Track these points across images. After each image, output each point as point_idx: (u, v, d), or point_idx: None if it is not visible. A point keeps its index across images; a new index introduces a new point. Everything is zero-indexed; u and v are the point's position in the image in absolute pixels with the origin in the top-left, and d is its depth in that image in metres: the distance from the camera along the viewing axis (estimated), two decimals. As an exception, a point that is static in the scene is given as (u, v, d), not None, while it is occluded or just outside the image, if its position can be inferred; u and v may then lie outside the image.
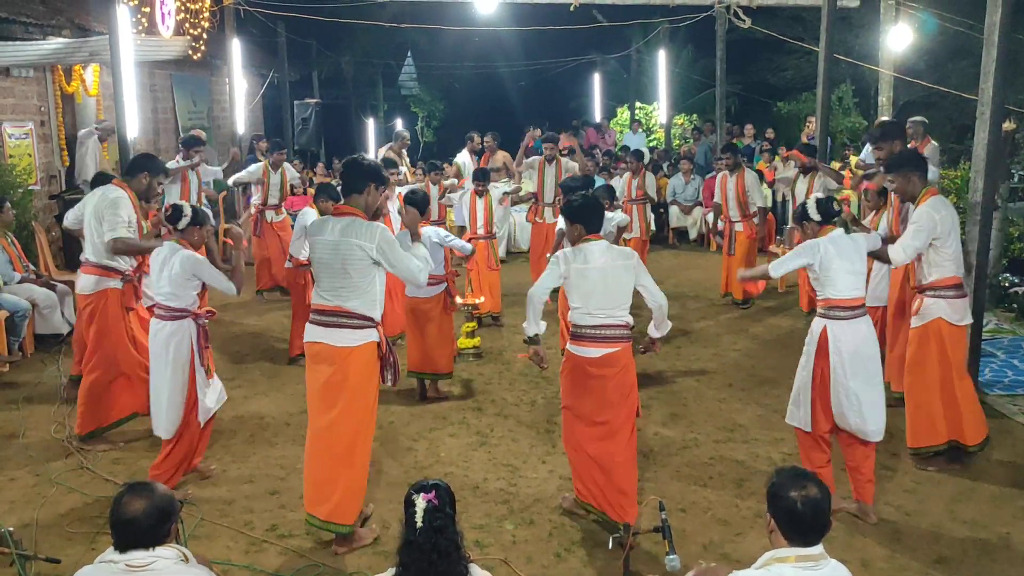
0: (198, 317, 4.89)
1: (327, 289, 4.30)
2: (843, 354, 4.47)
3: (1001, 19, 6.06)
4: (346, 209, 4.33)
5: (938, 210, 4.98)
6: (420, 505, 2.69)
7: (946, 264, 5.05)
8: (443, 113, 25.05)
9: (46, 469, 5.27)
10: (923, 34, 12.82)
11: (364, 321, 4.30)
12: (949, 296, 5.08)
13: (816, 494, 2.64)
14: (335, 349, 4.27)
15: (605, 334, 4.46)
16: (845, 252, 4.51)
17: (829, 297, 4.52)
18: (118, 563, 2.62)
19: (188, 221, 4.88)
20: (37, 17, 9.64)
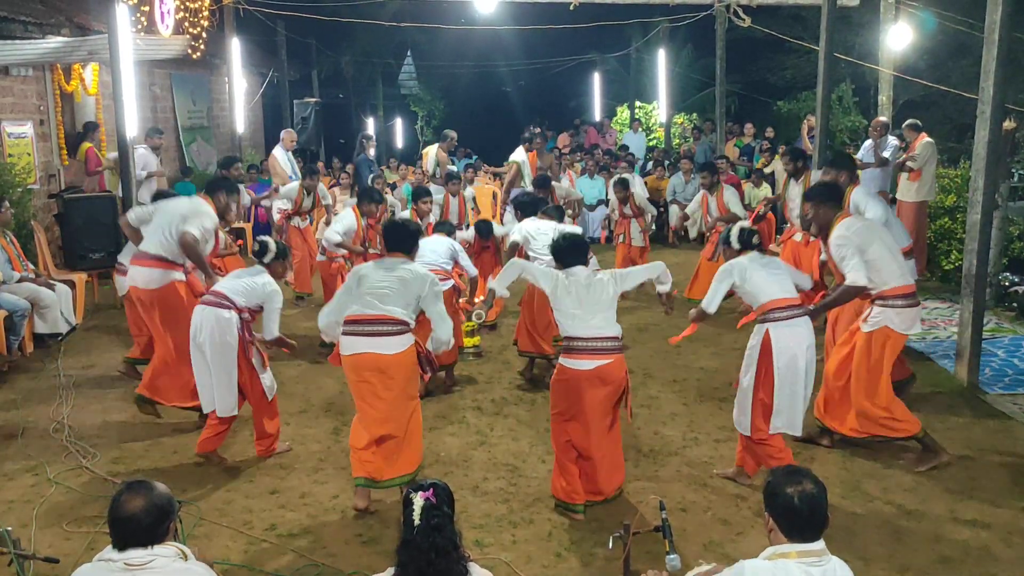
0: (241, 312, 5.28)
1: (371, 302, 4.66)
2: (784, 355, 4.68)
3: (1001, 17, 6.06)
4: (398, 255, 4.89)
5: (846, 229, 5.15)
6: (418, 504, 2.68)
7: (882, 274, 5.12)
8: (443, 112, 25.04)
9: (44, 468, 5.26)
10: (923, 33, 12.82)
11: (404, 326, 4.68)
12: (898, 306, 5.14)
13: (812, 489, 2.64)
14: (382, 358, 4.62)
15: (597, 346, 4.57)
16: (763, 265, 4.85)
17: (763, 303, 4.77)
18: (117, 562, 2.61)
19: (273, 256, 5.43)
20: (36, 16, 9.63)
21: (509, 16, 16.94)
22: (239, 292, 5.28)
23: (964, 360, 6.52)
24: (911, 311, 5.18)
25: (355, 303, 4.73)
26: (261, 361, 5.36)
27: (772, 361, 4.69)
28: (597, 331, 4.57)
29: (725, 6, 13.64)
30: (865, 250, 5.10)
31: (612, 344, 4.59)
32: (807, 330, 4.77)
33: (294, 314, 9.03)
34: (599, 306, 4.63)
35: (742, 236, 4.95)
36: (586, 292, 4.63)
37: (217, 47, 13.65)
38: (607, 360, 4.55)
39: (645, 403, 6.36)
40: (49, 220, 9.74)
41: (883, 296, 5.16)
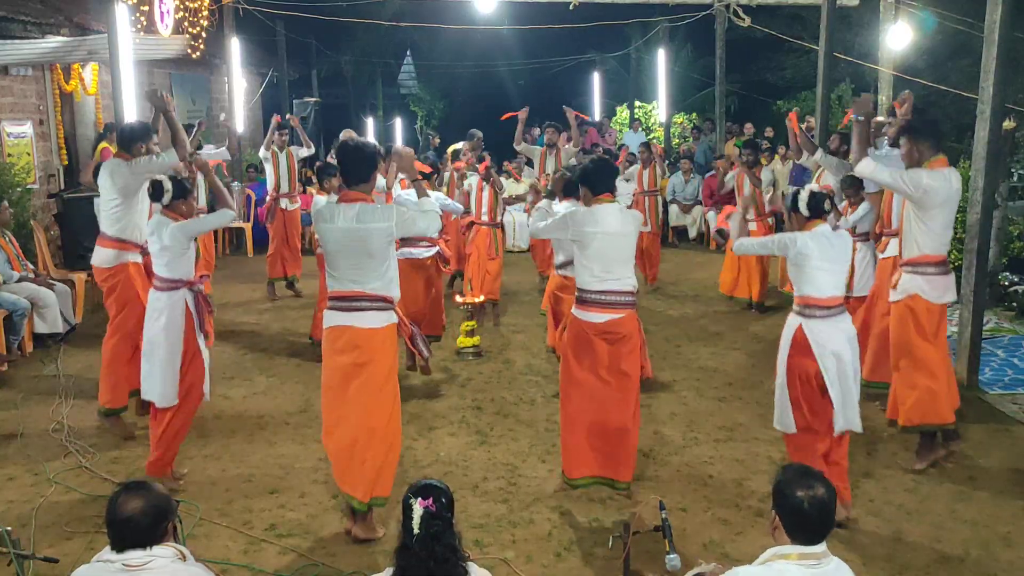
0: (192, 285, 5.00)
1: (345, 275, 4.32)
2: (828, 353, 4.32)
3: (1001, 17, 6.06)
4: (354, 195, 4.32)
5: (933, 177, 4.81)
6: (417, 512, 2.66)
7: (925, 239, 4.93)
8: (442, 112, 25.03)
9: (44, 468, 5.25)
10: (923, 33, 12.80)
11: (385, 303, 4.35)
12: (929, 273, 4.97)
13: (823, 494, 2.61)
14: (360, 331, 4.30)
15: (610, 300, 4.55)
16: (825, 251, 4.33)
17: (807, 295, 4.36)
18: (115, 562, 2.60)
19: (171, 195, 4.96)
20: (36, 15, 9.61)
21: (509, 16, 16.94)
22: (164, 265, 4.95)
23: (964, 359, 6.52)
24: (942, 279, 4.99)
25: (331, 271, 4.38)
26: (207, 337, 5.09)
27: (814, 361, 4.33)
28: (611, 285, 4.56)
29: (725, 6, 13.63)
30: (929, 210, 4.86)
31: (625, 299, 4.58)
32: (847, 323, 4.42)
33: (293, 314, 9.03)
34: (617, 260, 4.58)
35: (813, 201, 4.37)
36: (608, 241, 4.53)
37: (217, 47, 13.63)
38: (619, 314, 4.56)
39: (644, 403, 6.34)
40: (49, 220, 9.72)
41: (913, 262, 4.99)
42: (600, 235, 4.55)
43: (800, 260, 4.33)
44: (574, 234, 4.60)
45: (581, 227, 4.58)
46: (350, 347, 4.32)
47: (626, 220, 4.68)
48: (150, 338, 5.02)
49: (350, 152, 4.40)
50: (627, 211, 4.79)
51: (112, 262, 5.77)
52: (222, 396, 6.44)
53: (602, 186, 4.67)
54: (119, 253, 5.77)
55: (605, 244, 4.55)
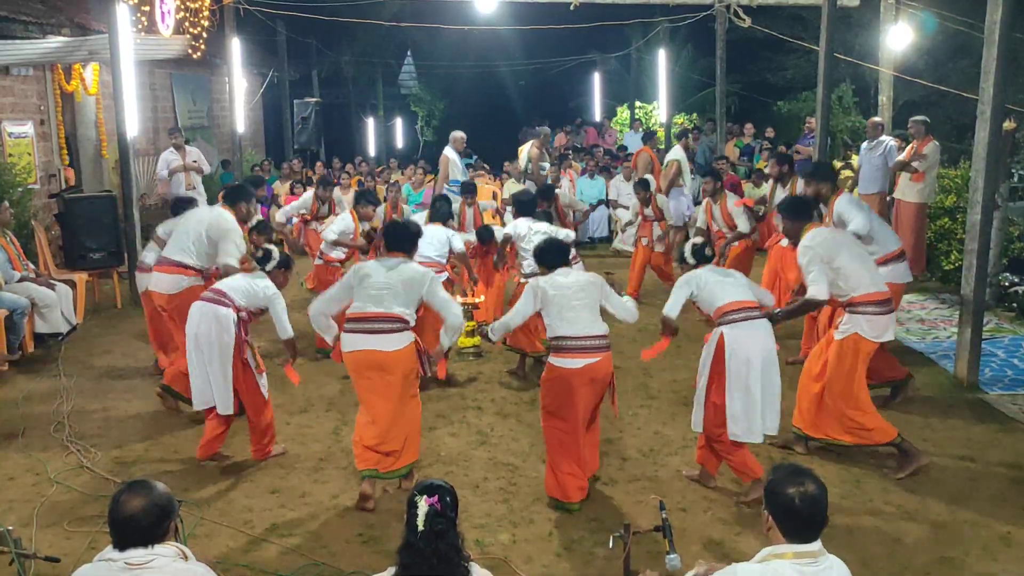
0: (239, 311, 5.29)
1: (372, 300, 4.76)
2: (738, 357, 4.72)
3: (1001, 18, 6.06)
4: (397, 255, 4.98)
5: (810, 240, 5.21)
6: (422, 508, 2.67)
7: (851, 282, 5.15)
8: (443, 112, 25.05)
9: (45, 468, 5.26)
10: (923, 33, 12.82)
11: (404, 324, 4.77)
12: (868, 312, 5.14)
13: (814, 491, 2.63)
14: (385, 355, 4.71)
15: (585, 344, 4.67)
16: (720, 275, 5.02)
17: (719, 306, 4.84)
18: (117, 561, 2.61)
19: (275, 264, 5.50)
20: (37, 16, 9.63)
21: (509, 16, 16.94)
22: (239, 292, 5.30)
23: (964, 360, 6.53)
24: (882, 319, 5.16)
25: (356, 300, 4.83)
26: (256, 363, 5.33)
27: (724, 364, 4.74)
28: (584, 330, 4.68)
29: (725, 6, 13.64)
30: (832, 260, 5.14)
31: (600, 342, 4.72)
32: (765, 333, 4.80)
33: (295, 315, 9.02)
34: (585, 306, 4.73)
35: (696, 251, 5.16)
36: (570, 292, 4.73)
37: (217, 47, 13.65)
38: (596, 358, 4.67)
39: (645, 403, 6.37)
40: (49, 220, 9.74)
41: (853, 303, 5.17)
42: (561, 290, 4.75)
43: (702, 286, 4.94)
44: (540, 303, 4.80)
45: (542, 292, 4.77)
46: (376, 368, 4.74)
47: (578, 275, 4.95)
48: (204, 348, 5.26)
49: (397, 229, 5.16)
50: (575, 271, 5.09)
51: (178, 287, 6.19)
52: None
53: (555, 263, 4.93)
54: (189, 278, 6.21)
55: (567, 295, 4.73)
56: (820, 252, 5.15)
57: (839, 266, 5.14)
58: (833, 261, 5.15)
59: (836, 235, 5.36)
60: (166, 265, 6.26)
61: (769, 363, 4.78)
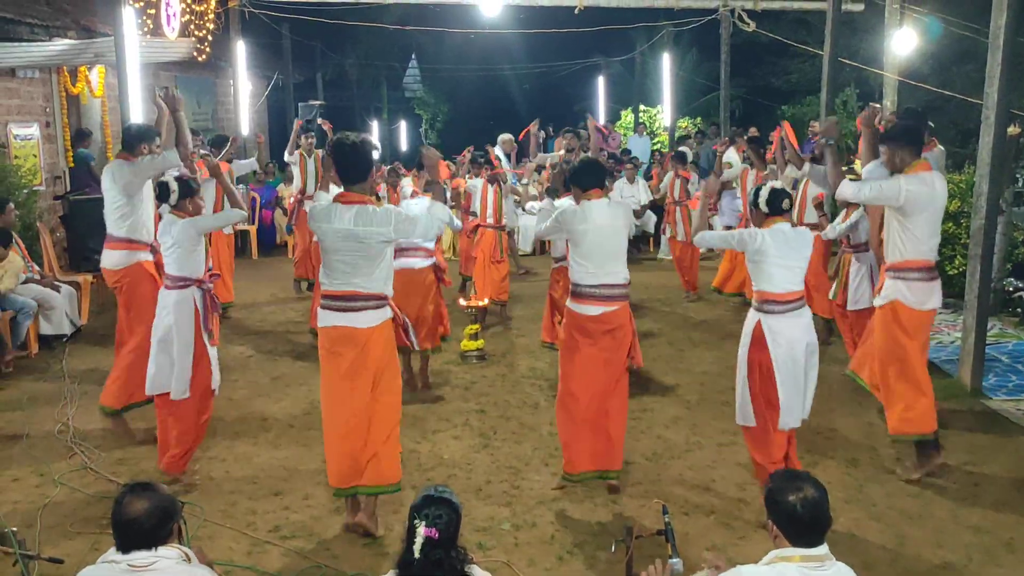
0: (202, 283, 5.07)
1: (341, 274, 4.30)
2: (782, 347, 4.40)
3: (1006, 23, 6.06)
4: (353, 197, 4.29)
5: (911, 182, 4.76)
6: (419, 535, 2.65)
7: (908, 245, 4.86)
8: (447, 115, 25.06)
9: (49, 469, 5.27)
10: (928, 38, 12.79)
11: (380, 300, 4.35)
12: (911, 279, 4.89)
13: (814, 494, 2.64)
14: (357, 331, 4.30)
15: (603, 293, 4.66)
16: (782, 248, 4.39)
17: (763, 290, 4.45)
18: (120, 563, 2.62)
19: (177, 195, 5.05)
20: (43, 18, 9.66)
21: (514, 20, 16.96)
22: (175, 262, 5.01)
23: (967, 366, 6.51)
24: (925, 284, 4.90)
25: (325, 268, 4.38)
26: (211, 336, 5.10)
27: (768, 354, 4.42)
28: (607, 278, 4.67)
29: (730, 10, 13.65)
30: (912, 216, 4.79)
31: (619, 291, 4.70)
32: (807, 323, 4.51)
33: (297, 316, 9.05)
34: (610, 254, 4.69)
35: (773, 199, 4.43)
36: (599, 235, 4.65)
37: (222, 50, 13.68)
38: (613, 307, 4.68)
39: (648, 407, 6.37)
40: (54, 221, 9.76)
41: (895, 267, 4.93)
42: (591, 231, 4.67)
43: (758, 257, 4.41)
44: (568, 232, 4.75)
45: (572, 225, 4.70)
46: (349, 346, 4.31)
47: (616, 214, 4.79)
48: (162, 335, 5.06)
49: (347, 150, 4.31)
50: (616, 204, 4.90)
51: (123, 263, 5.79)
52: (226, 398, 6.45)
53: (589, 183, 4.78)
54: (129, 253, 5.80)
55: (596, 239, 4.67)
56: (907, 199, 4.73)
57: (914, 223, 4.79)
58: (914, 216, 4.78)
59: (935, 195, 4.85)
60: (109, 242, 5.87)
61: (812, 351, 4.50)
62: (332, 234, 4.25)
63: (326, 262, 4.37)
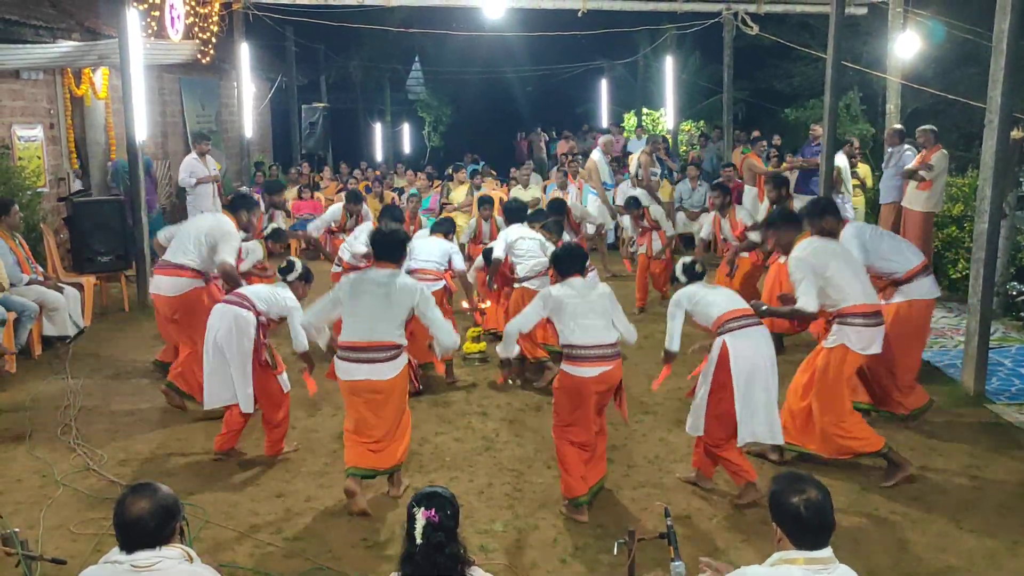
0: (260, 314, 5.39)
1: (364, 327, 4.72)
2: (741, 365, 4.73)
3: (1010, 26, 6.06)
4: (387, 265, 4.92)
5: (803, 251, 5.20)
6: (420, 522, 2.68)
7: (842, 291, 5.11)
8: (450, 118, 25.09)
9: (52, 470, 5.28)
10: (931, 41, 12.79)
11: (397, 350, 4.76)
12: (856, 324, 5.11)
13: (817, 496, 2.64)
14: (379, 383, 4.72)
15: (599, 353, 4.69)
16: (710, 288, 5.09)
17: (716, 316, 4.86)
18: (123, 563, 2.62)
19: (296, 276, 5.61)
20: (47, 20, 9.69)
21: (517, 22, 16.96)
22: (260, 298, 5.41)
23: (970, 370, 6.50)
24: (869, 331, 5.12)
25: (347, 323, 4.80)
26: (274, 363, 5.44)
27: (730, 372, 4.74)
28: (599, 339, 4.70)
29: (733, 13, 13.66)
30: (824, 269, 5.10)
31: (613, 350, 4.75)
32: (765, 339, 4.84)
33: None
34: (599, 315, 4.76)
35: (687, 269, 5.19)
36: (583, 302, 4.75)
37: (226, 52, 13.71)
38: (609, 366, 4.71)
39: (650, 410, 6.36)
40: (58, 223, 9.78)
41: (842, 314, 5.14)
42: (572, 298, 4.76)
43: (695, 304, 4.98)
44: (552, 310, 4.80)
45: (556, 301, 4.78)
46: (371, 393, 4.74)
47: (595, 284, 5.01)
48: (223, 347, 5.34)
49: (385, 238, 5.06)
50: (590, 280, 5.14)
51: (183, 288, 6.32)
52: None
53: (569, 270, 4.93)
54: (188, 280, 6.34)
55: (581, 305, 4.74)
56: (812, 261, 5.12)
57: (830, 275, 5.11)
58: (825, 270, 5.11)
59: (828, 244, 5.28)
60: (167, 268, 6.39)
61: (771, 369, 4.81)
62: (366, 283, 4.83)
63: (349, 312, 4.81)
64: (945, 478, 5.17)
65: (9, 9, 9.03)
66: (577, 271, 4.94)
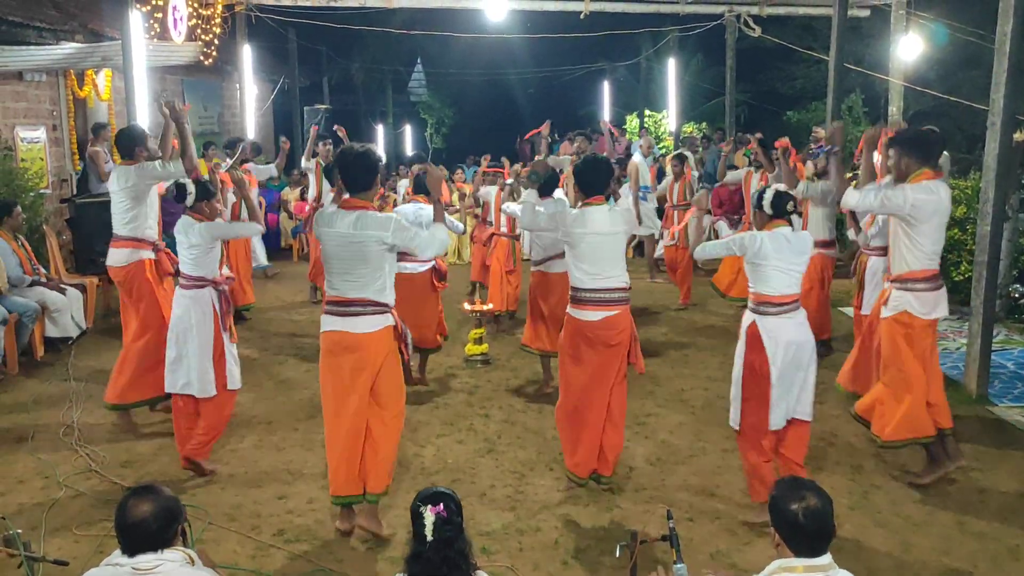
0: (218, 284, 5.20)
1: (342, 280, 4.35)
2: (779, 347, 4.39)
3: (1012, 29, 6.06)
4: (356, 203, 4.32)
5: (917, 191, 4.73)
6: (429, 518, 2.69)
7: (914, 255, 4.84)
8: (452, 120, 25.10)
9: (54, 472, 5.28)
10: (933, 44, 12.79)
11: (380, 307, 4.37)
12: (918, 289, 4.87)
13: (816, 503, 2.62)
14: (356, 336, 4.32)
15: (604, 297, 4.60)
16: (783, 250, 4.41)
17: (760, 292, 4.46)
18: (125, 566, 2.62)
19: (195, 197, 5.17)
20: (50, 22, 9.70)
21: (519, 24, 16.98)
22: (191, 263, 5.14)
23: (973, 372, 6.50)
24: (932, 294, 4.88)
25: (327, 274, 4.41)
26: (231, 335, 5.28)
27: (765, 354, 4.40)
28: (607, 283, 4.62)
29: (735, 16, 13.66)
30: (918, 224, 4.75)
31: (619, 295, 4.65)
32: (801, 322, 4.49)
33: (302, 319, 9.07)
34: (608, 258, 4.65)
35: (777, 201, 4.47)
36: (597, 243, 4.62)
37: (229, 54, 13.72)
38: (614, 311, 4.63)
39: (652, 412, 6.36)
40: (61, 224, 9.80)
41: (903, 279, 4.89)
42: (589, 236, 4.63)
43: (757, 259, 4.42)
44: (564, 234, 4.69)
45: (570, 228, 4.66)
46: (347, 351, 4.34)
47: (615, 220, 4.75)
48: (179, 333, 5.19)
49: (352, 159, 4.38)
50: (616, 211, 4.81)
51: (126, 260, 5.99)
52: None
53: (593, 188, 4.72)
54: (133, 251, 5.99)
55: (594, 245, 4.63)
56: (913, 208, 4.69)
57: (921, 231, 4.74)
58: (921, 224, 4.74)
59: (941, 203, 4.80)
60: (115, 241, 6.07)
61: (809, 350, 4.49)
62: (333, 238, 4.29)
63: (328, 268, 4.40)
64: (947, 481, 5.15)
65: (12, 10, 9.04)
66: (600, 191, 4.68)
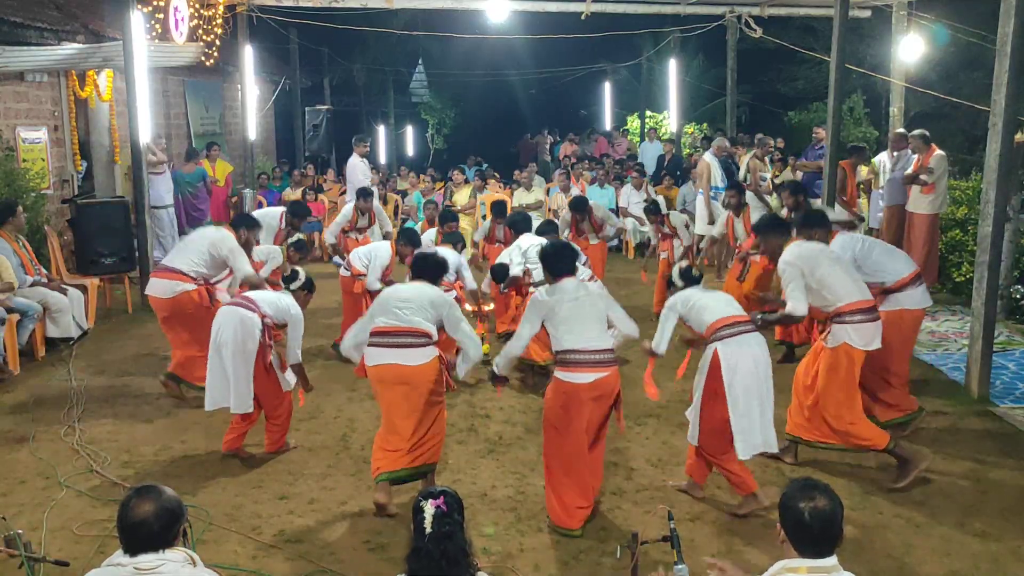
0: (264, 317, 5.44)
1: (392, 315, 4.79)
2: (734, 376, 4.61)
3: (1014, 29, 6.05)
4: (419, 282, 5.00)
5: (791, 254, 5.22)
6: (429, 511, 2.71)
7: (835, 292, 5.13)
8: (453, 121, 25.11)
9: (55, 472, 5.28)
10: (935, 45, 12.80)
11: (427, 338, 4.77)
12: (855, 321, 5.11)
13: (825, 505, 2.62)
14: (406, 369, 4.71)
15: (594, 359, 4.53)
16: (706, 292, 4.96)
17: (710, 323, 4.75)
18: (126, 566, 2.62)
19: (299, 285, 5.75)
20: (52, 23, 9.71)
21: (520, 25, 16.99)
22: (266, 303, 5.47)
23: (974, 373, 6.49)
24: (869, 326, 5.13)
25: (380, 316, 4.83)
26: (280, 363, 5.48)
27: (722, 382, 4.61)
28: (593, 343, 4.54)
29: (736, 16, 13.66)
30: (813, 271, 5.11)
31: (609, 356, 4.58)
32: (758, 345, 4.71)
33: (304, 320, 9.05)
34: (591, 319, 4.60)
35: (684, 273, 5.15)
36: (576, 305, 4.59)
37: (230, 54, 13.73)
38: (605, 372, 4.54)
39: (653, 413, 6.36)
40: (62, 225, 9.80)
41: (839, 312, 5.14)
42: (567, 301, 4.60)
43: (689, 308, 4.87)
44: (544, 316, 4.64)
45: (547, 307, 4.62)
46: (400, 382, 4.73)
47: (587, 287, 4.79)
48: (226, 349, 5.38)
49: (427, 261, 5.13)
50: (585, 284, 4.88)
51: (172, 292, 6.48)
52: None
53: (560, 269, 4.76)
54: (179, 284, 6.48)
55: (574, 308, 4.58)
56: (800, 265, 5.12)
57: (821, 276, 5.12)
58: (815, 273, 5.12)
59: (816, 246, 5.32)
60: (163, 272, 6.60)
61: (765, 376, 4.71)
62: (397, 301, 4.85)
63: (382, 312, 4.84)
64: (949, 481, 5.16)
65: (14, 11, 9.05)
66: (568, 271, 4.75)
